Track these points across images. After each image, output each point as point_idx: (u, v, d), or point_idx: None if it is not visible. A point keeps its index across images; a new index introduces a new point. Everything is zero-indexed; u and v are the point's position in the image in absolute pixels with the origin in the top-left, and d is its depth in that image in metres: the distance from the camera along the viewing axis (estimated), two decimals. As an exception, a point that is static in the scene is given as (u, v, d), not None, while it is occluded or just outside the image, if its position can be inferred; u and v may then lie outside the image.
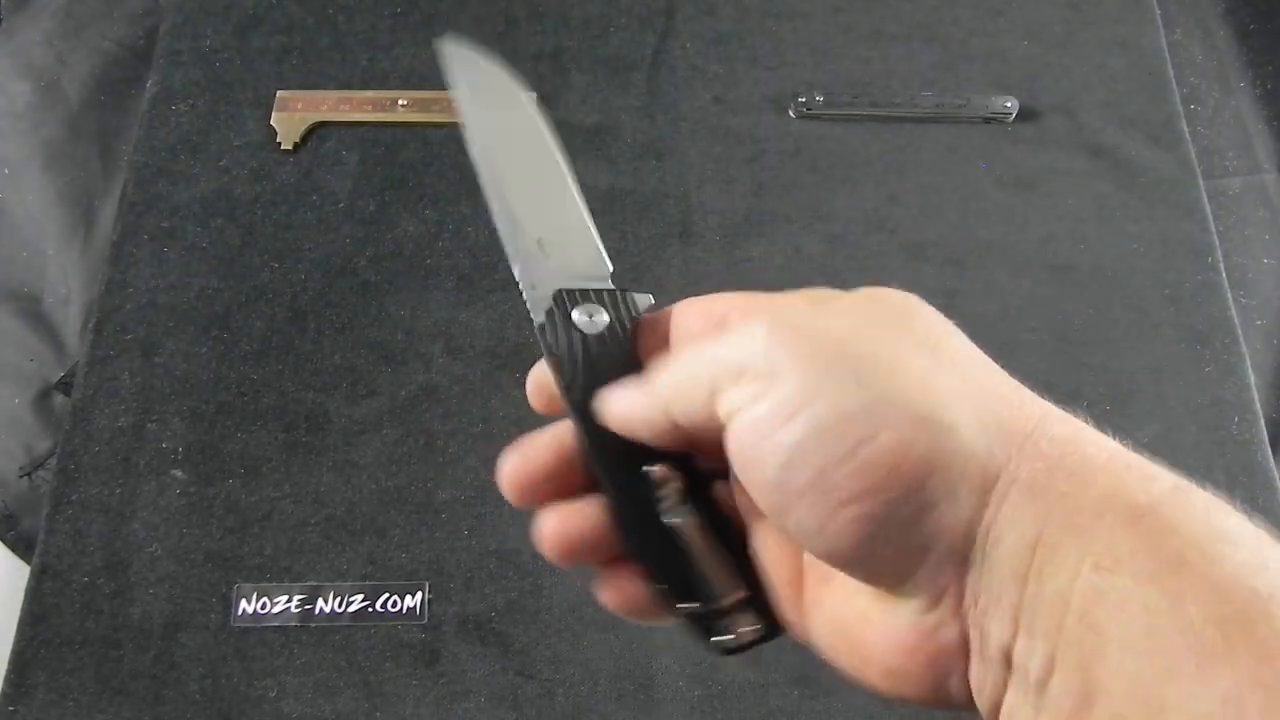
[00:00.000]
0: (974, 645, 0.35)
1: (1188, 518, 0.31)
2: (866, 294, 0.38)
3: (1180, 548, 0.30)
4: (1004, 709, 0.34)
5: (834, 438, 0.34)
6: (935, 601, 0.35)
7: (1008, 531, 0.33)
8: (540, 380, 0.46)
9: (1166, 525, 0.31)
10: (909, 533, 0.34)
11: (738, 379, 0.36)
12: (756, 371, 0.35)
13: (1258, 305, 0.99)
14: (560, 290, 0.45)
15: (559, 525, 0.42)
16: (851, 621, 0.38)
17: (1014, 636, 0.33)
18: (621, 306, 0.44)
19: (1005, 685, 0.34)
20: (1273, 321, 0.98)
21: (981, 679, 0.35)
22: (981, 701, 0.35)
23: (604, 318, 0.44)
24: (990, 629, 0.34)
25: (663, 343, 0.43)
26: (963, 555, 0.34)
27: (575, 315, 0.44)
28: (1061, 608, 0.31)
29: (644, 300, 0.44)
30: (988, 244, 0.96)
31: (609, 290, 0.45)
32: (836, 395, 0.34)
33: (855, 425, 0.34)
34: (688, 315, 0.42)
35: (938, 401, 0.34)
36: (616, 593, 0.42)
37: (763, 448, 0.35)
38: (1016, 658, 0.33)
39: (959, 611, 0.35)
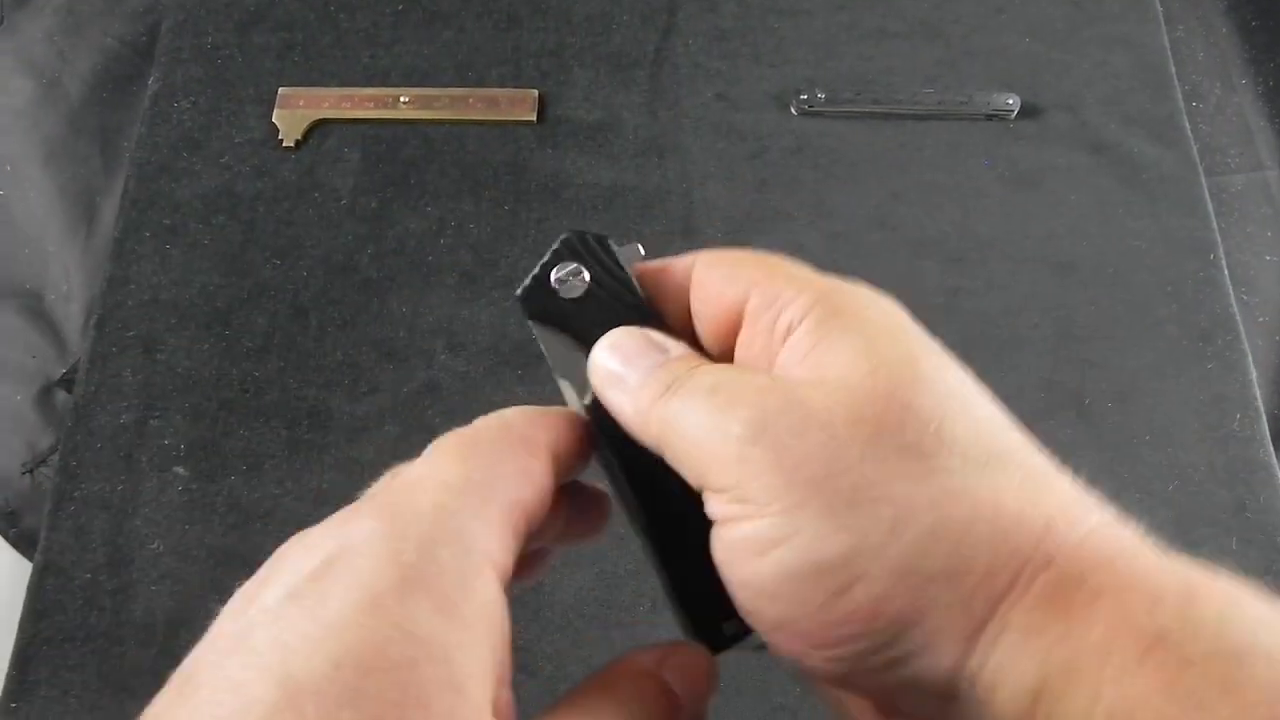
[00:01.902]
0: None
1: (1198, 641, 0.29)
2: (870, 341, 0.35)
3: (1197, 683, 0.28)
4: None
5: (806, 586, 0.32)
6: None
7: (1005, 679, 0.31)
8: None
9: (1178, 659, 0.29)
10: (885, 676, 0.33)
11: (716, 491, 0.34)
12: (733, 495, 0.33)
13: (1259, 302, 0.99)
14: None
15: None
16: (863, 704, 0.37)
17: None
18: (604, 256, 0.42)
19: None
20: (1274, 318, 0.98)
21: None
22: None
23: (584, 276, 0.41)
24: None
25: (680, 301, 0.41)
26: (948, 695, 0.32)
27: (553, 277, 0.42)
28: None
29: (631, 251, 0.42)
30: (990, 241, 0.96)
31: (590, 237, 0.42)
32: (811, 538, 0.32)
33: (828, 577, 0.32)
34: (708, 282, 0.40)
35: (919, 547, 0.31)
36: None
37: (737, 572, 0.34)
38: None
39: None
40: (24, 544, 0.90)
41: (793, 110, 1.02)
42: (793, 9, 1.08)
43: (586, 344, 0.40)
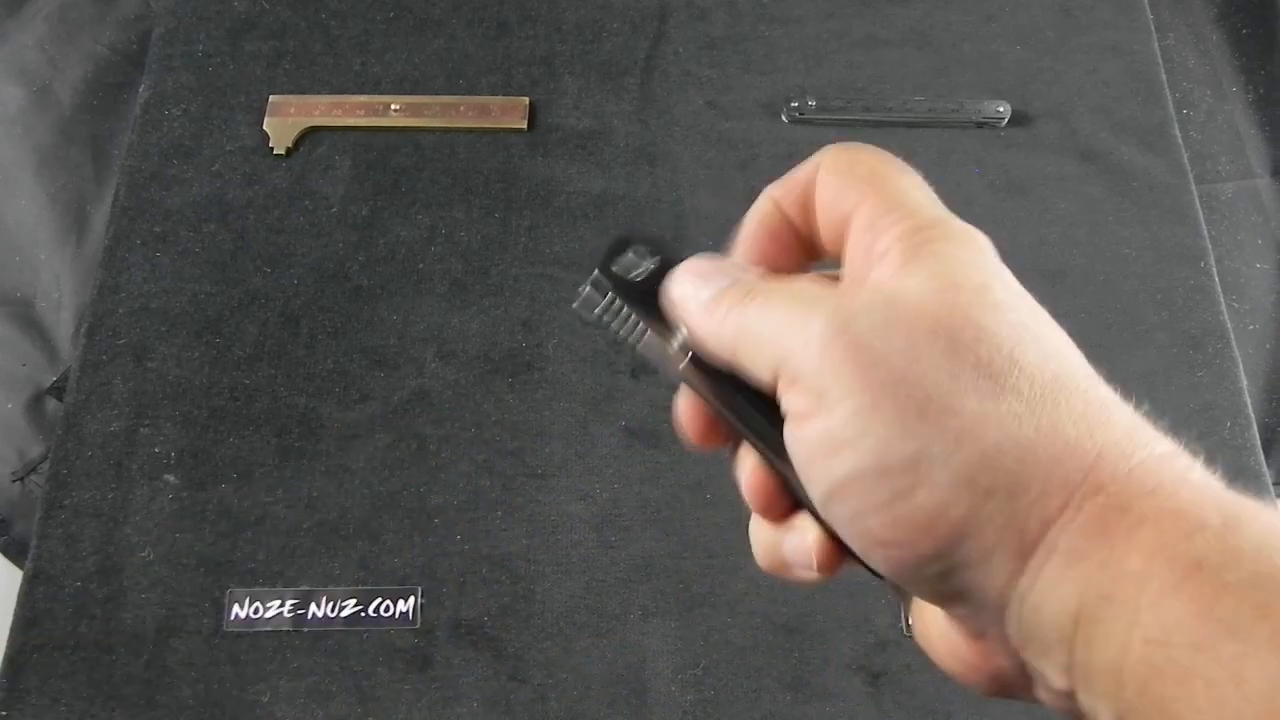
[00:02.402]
0: (1034, 675, 0.34)
1: (1237, 568, 0.29)
2: (957, 267, 0.36)
3: (1232, 608, 0.29)
4: None
5: (872, 486, 0.34)
6: (982, 635, 0.35)
7: (1047, 600, 0.32)
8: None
9: (1215, 584, 0.29)
10: (941, 584, 0.34)
11: (792, 382, 0.35)
12: (809, 385, 0.35)
13: (1250, 310, 0.99)
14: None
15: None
16: (923, 615, 0.39)
17: (1071, 688, 0.32)
18: (663, 245, 0.43)
19: (1076, 712, 0.33)
20: (1264, 326, 0.99)
21: (1053, 704, 0.34)
22: (1057, 709, 0.34)
23: (650, 260, 0.42)
24: (1046, 674, 0.33)
25: (805, 204, 0.42)
26: (999, 608, 0.33)
27: (619, 265, 0.42)
28: (1116, 680, 0.31)
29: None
30: (980, 249, 0.96)
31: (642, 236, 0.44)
32: (881, 440, 0.33)
33: (894, 479, 0.33)
34: (825, 190, 0.41)
35: (983, 460, 0.32)
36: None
37: (811, 469, 0.36)
38: (1082, 705, 0.33)
39: (1010, 647, 0.34)
40: (14, 552, 0.90)
41: (783, 118, 1.02)
42: (783, 17, 1.08)
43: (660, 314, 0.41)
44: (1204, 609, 0.29)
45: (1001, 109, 1.01)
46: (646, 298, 0.42)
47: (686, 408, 0.42)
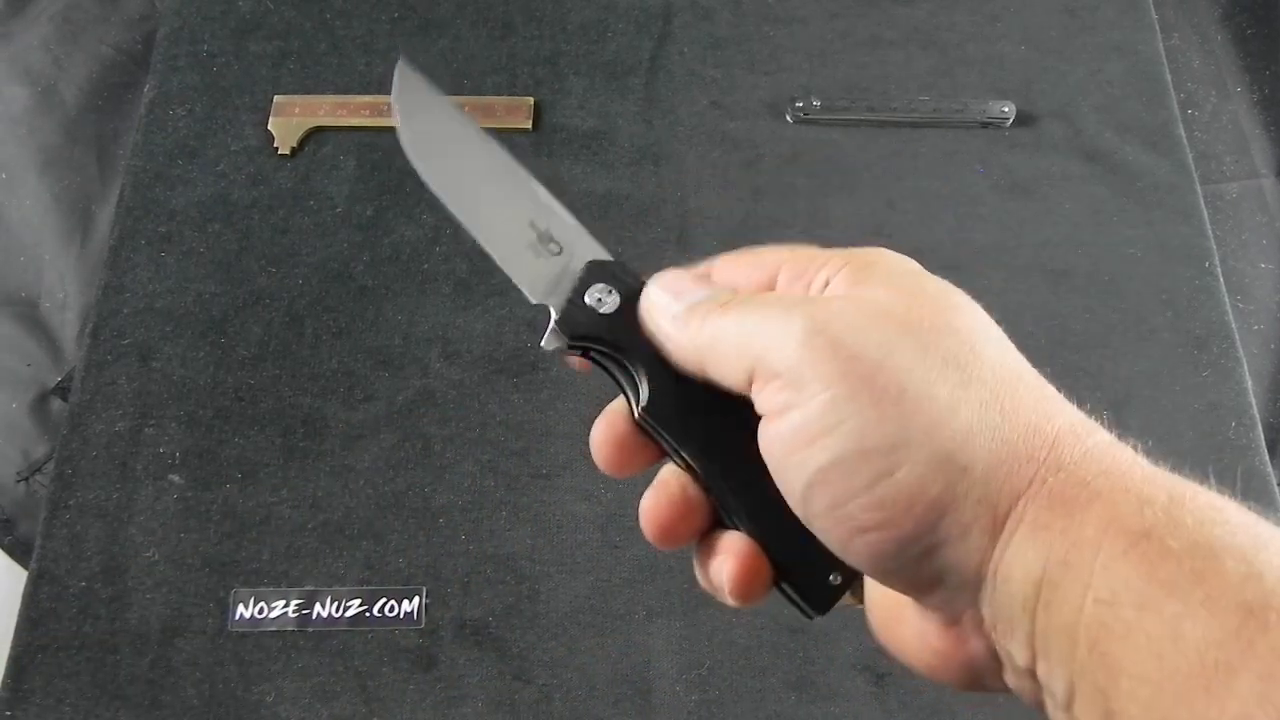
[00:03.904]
0: (1003, 658, 0.36)
1: (1179, 537, 0.32)
2: (907, 279, 0.39)
3: (1173, 572, 0.31)
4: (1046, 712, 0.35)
5: (853, 470, 0.35)
6: (956, 619, 0.37)
7: (1014, 569, 0.34)
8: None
9: (1160, 550, 0.32)
10: (921, 565, 0.36)
11: (770, 379, 0.37)
12: (787, 379, 0.36)
13: (1255, 310, 0.99)
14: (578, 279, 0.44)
15: (652, 504, 0.43)
16: (893, 614, 0.40)
17: (1034, 660, 0.34)
18: (627, 276, 0.44)
19: (1039, 696, 0.35)
20: (1270, 326, 0.98)
21: (1018, 686, 0.36)
22: (1024, 699, 0.36)
23: (614, 297, 0.43)
24: (1012, 650, 0.35)
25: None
26: (975, 586, 0.35)
27: (586, 298, 0.44)
28: (1071, 640, 0.32)
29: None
30: (984, 249, 0.96)
31: (612, 264, 0.45)
32: (860, 426, 0.35)
33: (874, 461, 0.35)
34: (734, 274, 0.43)
35: (958, 440, 0.35)
36: (736, 562, 0.42)
37: (788, 463, 0.37)
38: (1041, 678, 0.34)
39: (981, 630, 0.36)
40: (19, 552, 0.90)
41: (788, 118, 1.02)
42: (788, 17, 1.08)
43: (629, 348, 0.43)
44: (1149, 573, 0.31)
45: (1006, 109, 1.01)
46: (612, 331, 0.43)
47: (605, 436, 0.44)
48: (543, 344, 0.44)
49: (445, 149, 0.50)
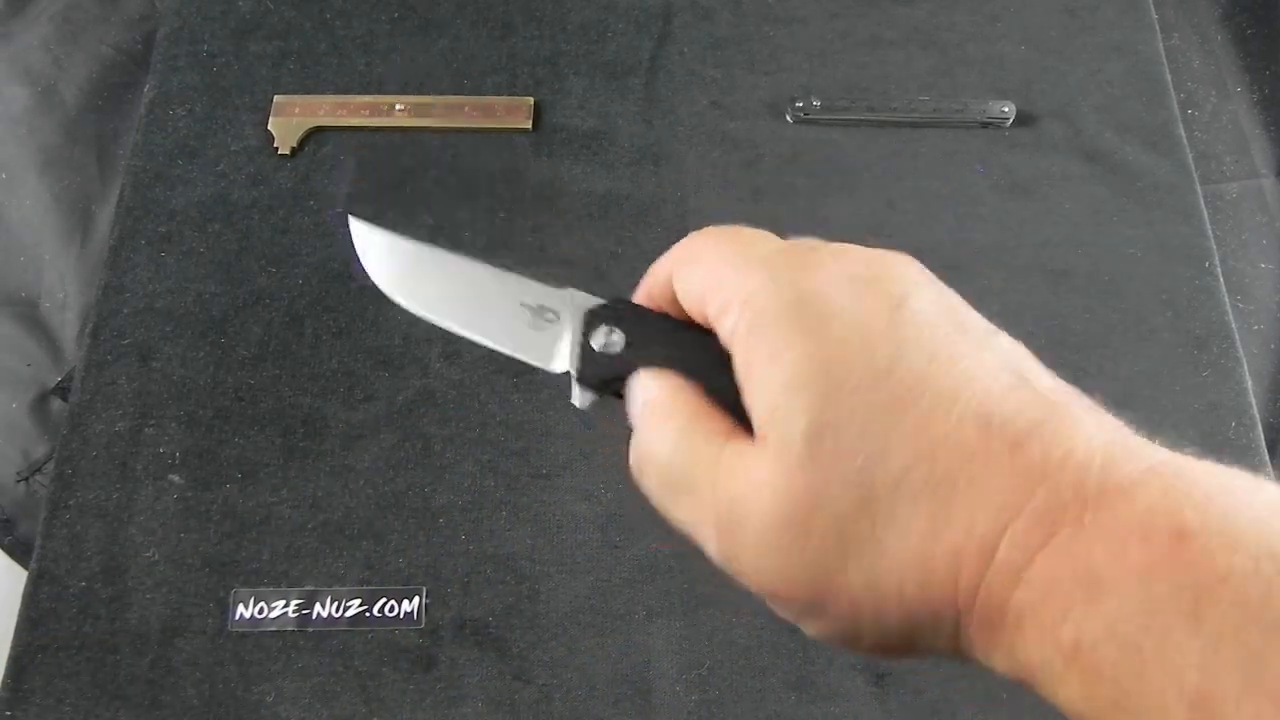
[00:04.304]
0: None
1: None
2: (858, 290, 0.37)
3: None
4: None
5: (784, 608, 0.37)
6: None
7: (995, 662, 0.34)
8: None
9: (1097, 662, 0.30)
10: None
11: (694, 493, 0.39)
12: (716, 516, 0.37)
13: (1255, 310, 0.99)
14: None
15: None
16: None
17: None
18: (626, 311, 0.44)
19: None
20: (1270, 326, 0.98)
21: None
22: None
23: (619, 335, 0.43)
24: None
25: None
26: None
27: (596, 346, 0.44)
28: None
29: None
30: (984, 249, 0.96)
31: (604, 305, 0.45)
32: (786, 575, 0.35)
33: (802, 613, 0.36)
34: (680, 293, 0.42)
35: (886, 590, 0.34)
36: None
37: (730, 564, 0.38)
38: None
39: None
40: (19, 552, 0.90)
41: (788, 118, 1.02)
42: (788, 17, 1.08)
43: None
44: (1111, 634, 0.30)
45: (1006, 109, 1.01)
46: (627, 366, 0.43)
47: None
48: (575, 403, 0.44)
49: (418, 278, 0.50)
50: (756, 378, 0.36)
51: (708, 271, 0.40)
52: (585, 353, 0.43)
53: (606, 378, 0.43)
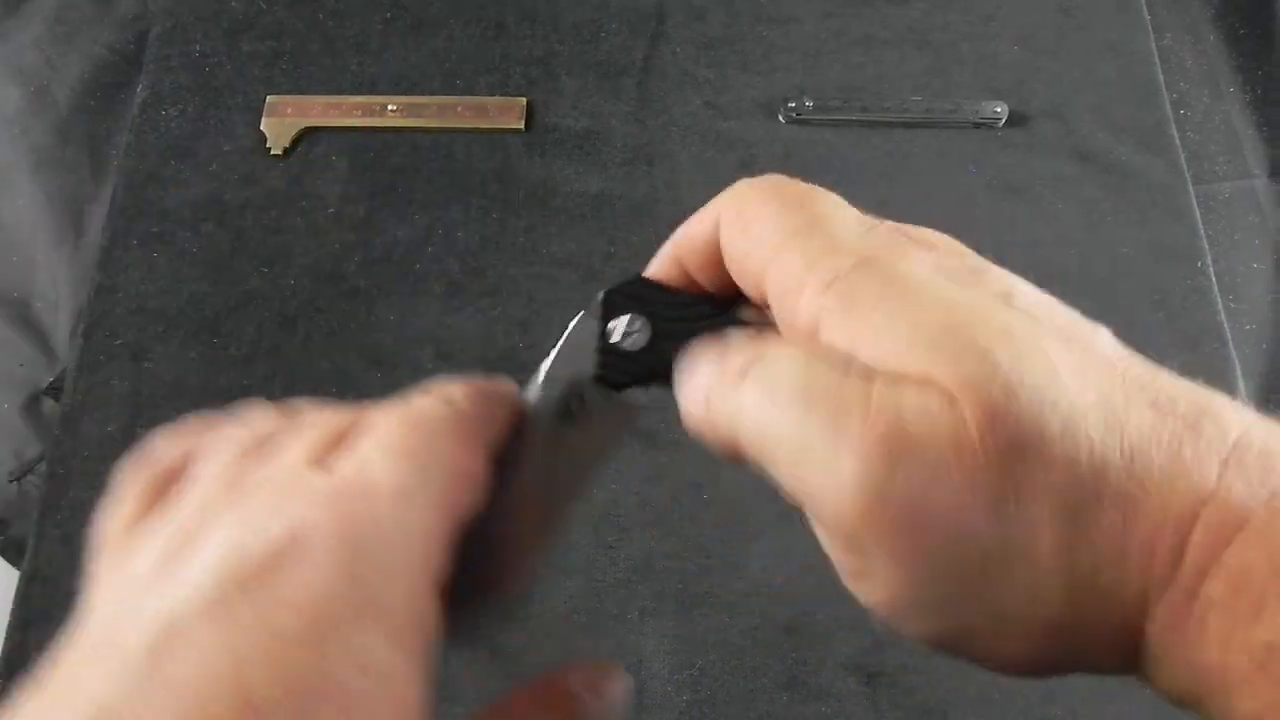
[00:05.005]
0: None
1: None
2: (963, 278, 0.33)
3: None
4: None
5: (962, 641, 0.31)
6: None
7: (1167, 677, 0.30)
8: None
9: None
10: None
11: (825, 525, 0.31)
12: (846, 539, 0.31)
13: (1247, 310, 0.99)
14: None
15: None
16: None
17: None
18: (649, 292, 0.39)
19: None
20: (1262, 326, 0.99)
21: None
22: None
23: (637, 323, 0.38)
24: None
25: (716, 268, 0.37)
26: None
27: (614, 338, 0.38)
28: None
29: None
30: (977, 249, 0.96)
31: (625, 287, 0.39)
32: (953, 609, 0.30)
33: (982, 637, 0.31)
34: (730, 255, 0.37)
35: (1057, 605, 0.29)
36: None
37: (884, 618, 0.32)
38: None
39: None
40: (11, 552, 0.90)
41: (781, 118, 1.02)
42: (781, 17, 1.08)
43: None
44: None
45: (999, 109, 1.01)
46: (655, 362, 0.38)
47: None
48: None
49: None
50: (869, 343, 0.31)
51: (774, 242, 0.34)
52: (604, 349, 0.38)
53: (630, 376, 0.38)
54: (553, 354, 0.39)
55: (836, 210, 0.36)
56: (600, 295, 0.39)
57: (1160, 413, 0.30)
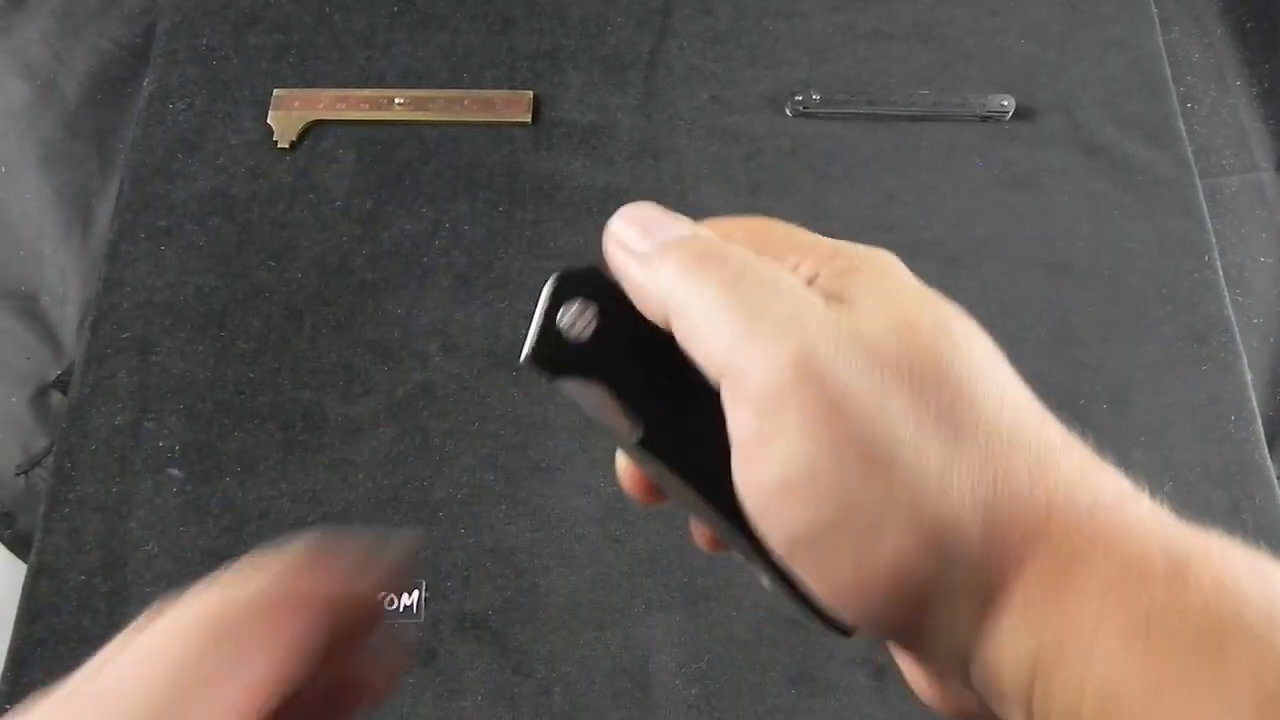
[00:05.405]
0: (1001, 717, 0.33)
1: (1184, 619, 0.29)
2: (902, 300, 0.34)
3: (1178, 664, 0.28)
4: None
5: (836, 539, 0.32)
6: (943, 677, 0.35)
7: (1004, 653, 0.31)
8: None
9: (1163, 639, 0.29)
10: (902, 640, 0.34)
11: (744, 398, 0.32)
12: (762, 410, 0.32)
13: (1254, 303, 0.99)
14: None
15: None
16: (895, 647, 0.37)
17: None
18: (604, 288, 0.37)
19: None
20: (1269, 319, 0.98)
21: None
22: None
23: (592, 312, 0.37)
24: (1010, 717, 0.32)
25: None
26: (964, 659, 0.33)
27: (560, 322, 0.37)
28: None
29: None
30: (984, 242, 0.96)
31: (582, 273, 0.38)
32: (844, 493, 0.31)
33: (860, 535, 0.31)
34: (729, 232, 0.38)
35: (946, 524, 0.31)
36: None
37: (765, 517, 0.33)
38: None
39: (972, 691, 0.34)
40: (18, 546, 0.90)
41: (788, 112, 1.02)
42: (788, 11, 1.08)
43: (618, 383, 0.37)
44: (1153, 664, 0.28)
45: (1006, 103, 1.01)
46: (597, 359, 0.37)
47: (628, 471, 0.40)
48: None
49: None
50: (858, 296, 0.34)
51: (758, 237, 0.37)
52: (545, 327, 0.37)
53: (568, 365, 0.37)
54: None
55: (800, 230, 0.39)
56: (554, 276, 0.38)
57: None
